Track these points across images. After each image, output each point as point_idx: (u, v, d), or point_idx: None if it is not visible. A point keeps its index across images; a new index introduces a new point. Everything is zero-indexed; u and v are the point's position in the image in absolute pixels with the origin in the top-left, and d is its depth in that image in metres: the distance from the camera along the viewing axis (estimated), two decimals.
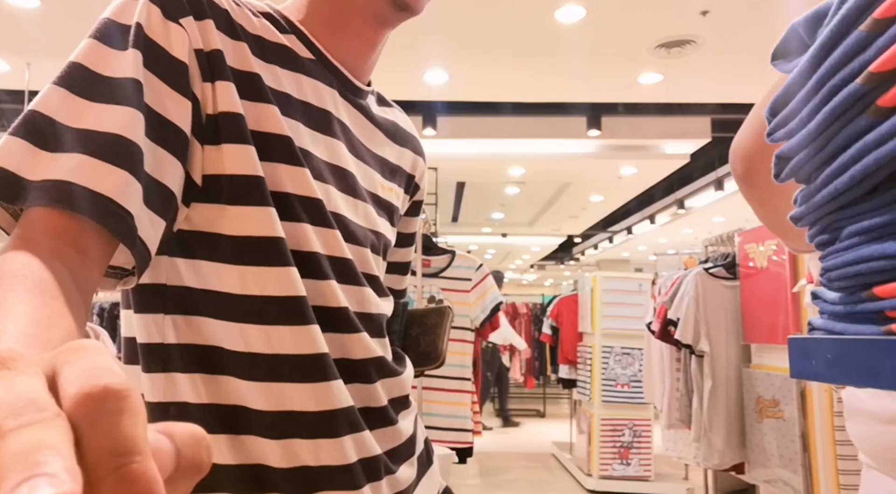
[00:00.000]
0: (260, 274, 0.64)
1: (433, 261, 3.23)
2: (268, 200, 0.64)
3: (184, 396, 0.64)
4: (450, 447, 3.05)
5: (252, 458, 0.64)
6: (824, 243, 0.38)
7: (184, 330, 0.64)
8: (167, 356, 0.65)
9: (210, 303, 0.64)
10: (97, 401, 0.21)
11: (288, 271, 0.64)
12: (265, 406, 0.64)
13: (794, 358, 0.39)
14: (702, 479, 3.81)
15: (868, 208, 0.33)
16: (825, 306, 0.39)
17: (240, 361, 0.64)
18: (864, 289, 0.34)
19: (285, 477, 0.65)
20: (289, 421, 0.65)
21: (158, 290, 0.65)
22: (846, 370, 0.34)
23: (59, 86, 0.57)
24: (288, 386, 0.65)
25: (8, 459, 0.18)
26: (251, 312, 0.64)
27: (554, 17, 4.33)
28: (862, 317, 0.35)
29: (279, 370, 0.64)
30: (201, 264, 0.64)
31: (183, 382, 0.64)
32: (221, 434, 0.64)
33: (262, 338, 0.64)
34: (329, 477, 0.66)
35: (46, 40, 4.88)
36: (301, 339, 0.65)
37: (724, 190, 8.73)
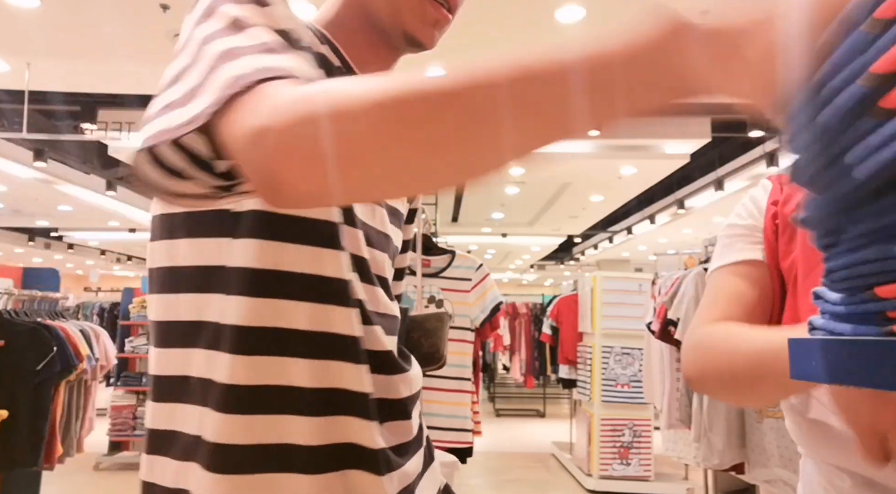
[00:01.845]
0: (315, 253, 0.67)
1: (433, 261, 3.23)
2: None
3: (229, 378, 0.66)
4: (450, 447, 3.05)
5: (282, 437, 0.66)
6: (828, 246, 0.38)
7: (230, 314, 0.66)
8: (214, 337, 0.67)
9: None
10: None
11: (343, 255, 0.69)
12: (314, 384, 0.67)
13: (794, 359, 0.39)
14: (702, 479, 3.81)
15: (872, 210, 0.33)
16: (826, 307, 0.39)
17: (295, 337, 0.67)
18: (865, 290, 0.34)
19: (314, 453, 0.67)
20: (336, 398, 0.68)
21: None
22: (846, 371, 0.34)
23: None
24: (334, 364, 0.68)
25: None
26: (313, 290, 0.67)
27: (554, 17, 4.33)
28: (863, 318, 0.34)
29: (330, 349, 0.68)
30: (237, 243, 0.66)
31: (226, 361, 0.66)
32: (259, 414, 0.65)
33: (308, 316, 0.67)
34: (359, 459, 0.68)
35: (46, 40, 4.88)
36: (346, 319, 0.69)
37: (724, 190, 8.73)
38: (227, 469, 0.64)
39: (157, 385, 0.72)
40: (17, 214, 11.67)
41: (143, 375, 5.85)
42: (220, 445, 0.64)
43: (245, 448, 0.65)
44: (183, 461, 0.67)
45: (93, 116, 6.95)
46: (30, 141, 7.42)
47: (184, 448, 0.67)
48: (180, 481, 0.67)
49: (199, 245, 0.68)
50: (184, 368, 0.69)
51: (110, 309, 7.98)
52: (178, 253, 0.70)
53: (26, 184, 8.82)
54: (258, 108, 0.45)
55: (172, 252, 0.70)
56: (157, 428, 0.71)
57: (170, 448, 0.69)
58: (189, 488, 0.66)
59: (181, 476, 0.67)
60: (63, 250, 16.40)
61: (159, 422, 0.70)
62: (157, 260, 0.72)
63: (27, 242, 14.96)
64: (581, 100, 0.41)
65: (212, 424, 0.65)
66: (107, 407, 5.78)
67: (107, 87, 6.16)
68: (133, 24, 4.55)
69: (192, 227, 0.69)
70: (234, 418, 0.65)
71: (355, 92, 0.43)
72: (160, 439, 0.70)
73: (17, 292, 3.79)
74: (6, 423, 3.12)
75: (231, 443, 0.64)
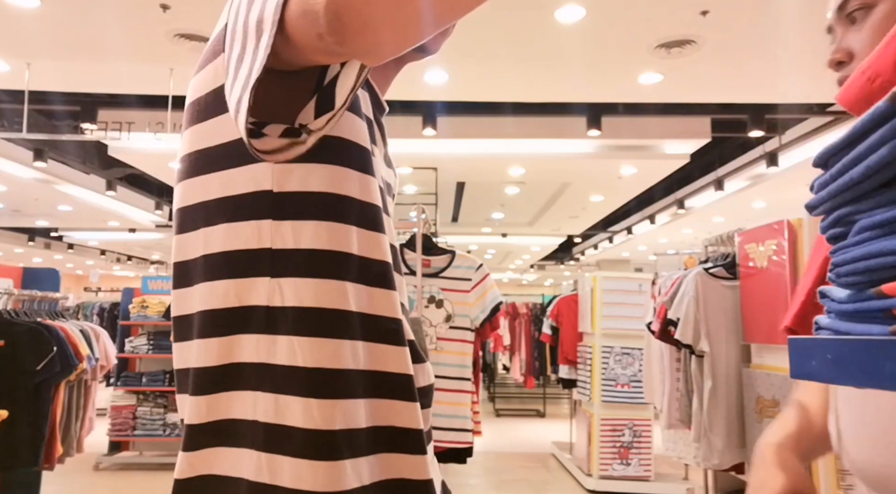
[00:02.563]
0: (364, 235, 0.70)
1: (433, 261, 3.23)
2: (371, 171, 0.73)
3: (282, 359, 0.66)
4: (450, 447, 3.05)
5: (354, 421, 0.67)
6: (837, 237, 0.38)
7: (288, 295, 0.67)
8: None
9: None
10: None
11: (384, 238, 0.72)
12: (364, 366, 0.69)
13: (795, 359, 0.39)
14: (702, 479, 3.81)
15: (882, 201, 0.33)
16: (832, 305, 0.39)
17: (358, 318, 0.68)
18: (872, 286, 0.34)
19: (369, 436, 0.68)
20: (382, 381, 0.69)
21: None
22: (846, 371, 0.34)
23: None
24: (382, 347, 0.70)
25: None
26: (362, 272, 0.69)
27: (554, 17, 4.33)
28: (869, 316, 0.34)
29: (378, 330, 0.70)
30: (286, 225, 0.68)
31: (285, 344, 0.67)
32: (313, 397, 0.66)
33: (359, 298, 0.69)
34: (403, 440, 0.70)
35: (46, 40, 4.88)
36: (390, 303, 0.71)
37: (724, 190, 8.73)
38: (320, 456, 0.65)
39: (200, 378, 0.70)
40: (17, 214, 11.66)
41: (143, 375, 5.85)
42: (313, 431, 0.65)
43: (329, 432, 0.66)
44: (246, 449, 0.67)
45: (93, 116, 6.95)
46: (30, 141, 7.43)
47: (238, 435, 0.67)
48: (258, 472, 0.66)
49: (237, 229, 0.68)
50: (232, 356, 0.68)
51: (110, 309, 7.97)
52: (215, 240, 0.69)
53: (26, 184, 8.82)
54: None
55: (209, 240, 0.70)
56: (199, 422, 0.69)
57: (225, 438, 0.68)
58: (266, 480, 0.66)
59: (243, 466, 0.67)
60: (63, 250, 16.40)
61: (204, 415, 0.69)
62: (189, 252, 0.72)
63: (27, 242, 14.96)
64: None
65: (300, 409, 0.65)
66: (107, 407, 5.78)
67: (107, 87, 6.16)
68: (133, 24, 4.54)
69: (230, 212, 0.69)
70: (323, 402, 0.65)
71: None
72: (204, 433, 0.69)
73: (17, 292, 3.79)
74: (6, 423, 3.11)
75: (323, 429, 0.65)
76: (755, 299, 2.88)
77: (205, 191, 0.70)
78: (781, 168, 7.51)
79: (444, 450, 3.05)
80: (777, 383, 2.68)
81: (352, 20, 0.51)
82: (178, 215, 0.73)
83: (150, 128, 6.12)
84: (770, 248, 2.76)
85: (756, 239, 2.87)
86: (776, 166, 7.49)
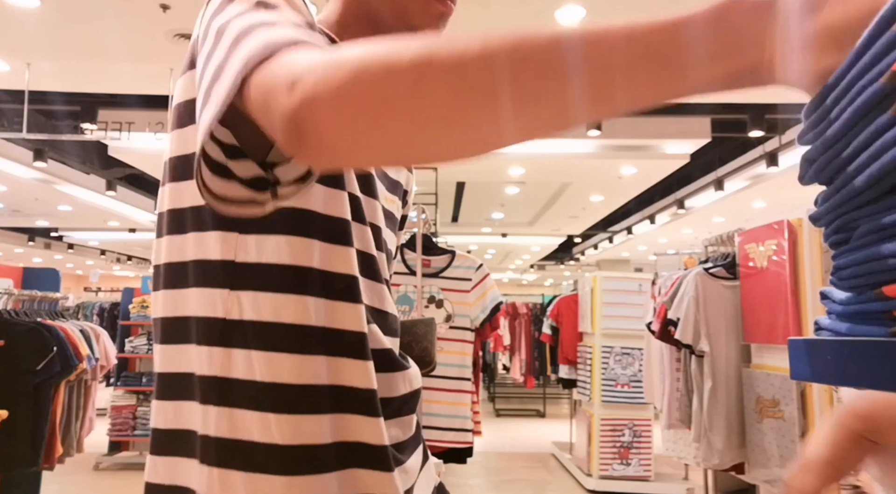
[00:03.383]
0: (327, 249, 0.69)
1: (433, 261, 3.23)
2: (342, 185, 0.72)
3: (239, 373, 0.66)
4: (450, 447, 3.05)
5: (301, 438, 0.66)
6: (838, 243, 0.38)
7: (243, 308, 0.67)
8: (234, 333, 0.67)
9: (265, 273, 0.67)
10: None
11: (352, 251, 0.70)
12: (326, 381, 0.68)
13: (794, 359, 0.39)
14: (702, 479, 3.81)
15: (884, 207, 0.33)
16: (833, 306, 0.39)
17: (301, 332, 0.67)
18: (872, 288, 0.34)
19: (331, 453, 0.67)
20: (345, 396, 0.68)
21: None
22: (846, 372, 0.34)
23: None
24: (345, 361, 0.69)
25: None
26: (312, 284, 0.68)
27: (554, 17, 4.33)
28: (869, 317, 0.34)
29: (336, 346, 0.68)
30: (251, 239, 0.67)
31: (241, 358, 0.66)
32: (271, 412, 0.66)
33: (324, 313, 0.69)
34: (367, 456, 0.69)
35: (46, 40, 4.88)
36: (355, 317, 0.70)
37: (724, 190, 8.73)
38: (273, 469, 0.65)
39: (161, 383, 0.71)
40: (17, 214, 11.67)
41: (143, 375, 5.86)
42: (270, 445, 0.65)
43: (287, 448, 0.65)
44: (190, 459, 0.67)
45: (93, 116, 6.95)
46: (30, 141, 7.43)
47: (191, 446, 0.67)
48: (191, 481, 0.67)
49: (203, 239, 0.68)
50: (186, 365, 0.69)
51: (110, 309, 7.97)
52: (184, 249, 0.69)
53: (26, 184, 8.82)
54: (292, 64, 0.46)
55: (179, 248, 0.70)
56: (161, 428, 0.70)
57: (176, 448, 0.69)
58: (196, 487, 0.66)
59: (187, 476, 0.67)
60: (63, 250, 16.40)
61: (164, 421, 0.70)
62: (162, 257, 0.72)
63: (27, 242, 14.97)
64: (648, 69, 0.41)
65: (257, 424, 0.65)
66: (107, 407, 5.78)
67: (107, 87, 6.16)
68: (133, 24, 4.54)
69: (198, 221, 0.68)
70: (281, 417, 0.65)
71: (394, 50, 0.43)
72: (165, 438, 0.70)
73: (17, 292, 3.79)
74: (6, 423, 3.11)
75: (281, 444, 0.65)
76: (755, 300, 2.88)
77: (180, 199, 0.70)
78: (781, 168, 7.51)
79: (444, 450, 3.05)
80: (777, 383, 2.68)
81: (314, 141, 0.45)
82: (159, 219, 0.74)
83: (151, 128, 6.12)
84: (770, 248, 2.76)
85: (756, 239, 2.87)
86: (776, 166, 7.49)
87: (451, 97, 0.41)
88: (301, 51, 0.48)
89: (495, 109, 0.42)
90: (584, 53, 0.41)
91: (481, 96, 0.41)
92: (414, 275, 3.15)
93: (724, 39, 0.40)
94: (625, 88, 0.42)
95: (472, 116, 0.42)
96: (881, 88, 0.32)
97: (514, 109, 0.42)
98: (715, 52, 0.40)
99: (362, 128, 0.43)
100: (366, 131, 0.43)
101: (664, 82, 0.41)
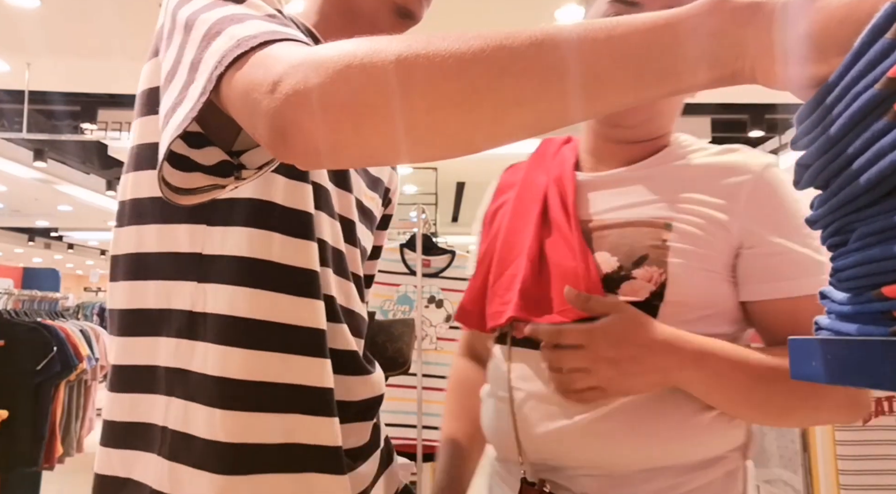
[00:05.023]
0: (287, 243, 0.66)
1: (433, 261, 3.23)
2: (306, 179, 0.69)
3: (189, 365, 0.65)
4: None
5: (243, 436, 0.64)
6: (836, 245, 0.38)
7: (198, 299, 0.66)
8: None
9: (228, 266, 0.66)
10: None
11: (313, 246, 0.68)
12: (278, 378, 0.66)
13: (794, 359, 0.39)
14: None
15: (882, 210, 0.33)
16: (833, 306, 0.39)
17: (254, 327, 0.65)
18: (872, 289, 0.34)
19: (278, 453, 0.65)
20: (299, 395, 0.66)
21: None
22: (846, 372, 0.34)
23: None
24: (301, 359, 0.66)
25: None
26: (271, 277, 0.66)
27: (554, 16, 4.34)
28: (869, 318, 0.35)
29: (292, 343, 0.66)
30: (216, 230, 0.66)
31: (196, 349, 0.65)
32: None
33: (285, 308, 0.67)
34: (319, 457, 0.66)
35: (46, 40, 4.88)
36: (313, 313, 0.67)
37: None
38: (217, 468, 0.63)
39: (120, 375, 0.70)
40: (17, 214, 11.68)
41: None
42: (212, 442, 0.63)
43: (230, 446, 0.63)
44: (146, 452, 0.66)
45: (93, 116, 6.96)
46: (30, 141, 7.43)
47: (150, 440, 0.66)
48: (145, 475, 0.65)
49: (171, 231, 0.67)
50: (151, 357, 0.67)
51: None
52: (147, 240, 0.68)
53: (26, 184, 8.83)
54: (270, 63, 0.46)
55: (141, 238, 0.68)
56: (117, 420, 0.69)
57: (133, 441, 0.67)
58: (150, 483, 0.65)
59: (139, 469, 0.66)
60: (63, 250, 16.41)
61: (120, 414, 0.69)
62: (122, 247, 0.70)
63: (27, 242, 14.97)
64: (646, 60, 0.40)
65: (204, 419, 0.64)
66: None
67: (107, 87, 6.16)
68: (133, 23, 4.54)
69: (164, 213, 0.67)
70: (227, 414, 0.63)
71: (375, 50, 0.43)
72: (121, 431, 0.68)
73: (17, 292, 3.80)
74: (6, 423, 3.12)
75: (224, 441, 0.63)
76: None
77: (143, 188, 0.68)
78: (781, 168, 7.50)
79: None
80: None
81: (298, 143, 0.44)
82: (121, 207, 0.72)
83: None
84: None
85: None
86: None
87: (432, 99, 0.41)
88: (277, 48, 0.47)
89: (477, 111, 0.41)
90: (564, 55, 0.40)
91: (462, 99, 0.41)
92: (414, 275, 3.15)
93: (704, 46, 0.39)
94: (599, 93, 0.41)
95: (454, 119, 0.42)
96: (877, 93, 0.32)
97: (494, 111, 0.41)
98: (695, 59, 0.40)
99: (346, 130, 0.43)
100: (350, 133, 0.43)
101: (641, 89, 0.41)
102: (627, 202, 0.84)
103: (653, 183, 0.85)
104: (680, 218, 0.80)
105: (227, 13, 0.53)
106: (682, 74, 0.41)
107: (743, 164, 0.85)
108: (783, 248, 0.79)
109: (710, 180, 0.83)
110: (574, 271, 0.80)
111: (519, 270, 0.84)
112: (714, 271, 0.80)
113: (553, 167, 0.95)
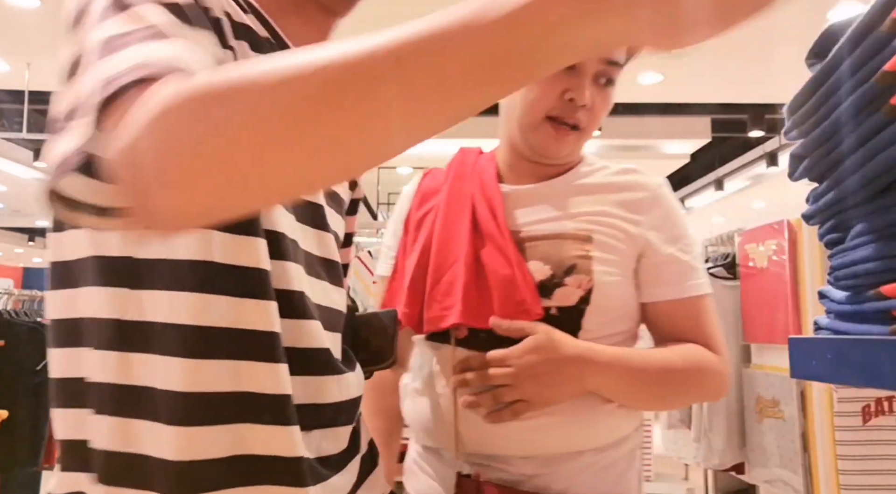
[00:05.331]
0: (228, 241, 0.60)
1: None
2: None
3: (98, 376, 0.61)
4: None
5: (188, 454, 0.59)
6: (833, 242, 0.38)
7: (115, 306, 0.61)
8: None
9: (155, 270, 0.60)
10: None
11: (259, 242, 0.61)
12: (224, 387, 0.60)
13: (795, 358, 0.39)
14: (702, 479, 3.81)
15: (878, 207, 0.33)
16: (832, 306, 0.39)
17: (195, 334, 0.60)
18: (870, 288, 0.34)
19: (227, 467, 0.60)
20: (250, 403, 0.61)
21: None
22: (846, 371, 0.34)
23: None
24: (251, 364, 0.61)
25: None
26: (212, 280, 0.60)
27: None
28: (868, 317, 0.35)
29: (241, 348, 0.61)
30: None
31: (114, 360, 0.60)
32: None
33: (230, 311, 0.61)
34: (275, 470, 0.61)
35: (46, 40, 4.88)
36: (263, 315, 0.61)
37: (724, 190, 8.72)
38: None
39: (56, 390, 0.65)
40: (17, 214, 11.67)
41: None
42: (159, 460, 0.58)
43: (177, 464, 0.58)
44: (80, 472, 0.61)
45: None
46: (30, 141, 7.42)
47: (89, 461, 0.61)
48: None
49: (99, 234, 0.61)
50: (75, 370, 0.62)
51: None
52: (81, 244, 0.62)
53: (26, 184, 8.82)
54: (130, 119, 0.42)
55: (75, 243, 0.63)
56: (63, 439, 0.63)
57: (80, 461, 0.62)
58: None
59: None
60: None
61: (65, 432, 0.64)
62: (53, 254, 0.65)
63: (27, 242, 14.95)
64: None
65: (149, 435, 0.59)
66: None
67: None
68: None
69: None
70: (174, 429, 0.58)
71: (248, 78, 0.39)
72: (65, 449, 0.64)
73: (17, 292, 3.79)
74: (6, 423, 3.12)
75: (170, 459, 0.58)
76: (755, 300, 2.89)
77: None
78: (781, 168, 7.50)
79: None
80: (777, 383, 2.69)
81: (151, 213, 0.41)
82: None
83: None
84: (770, 248, 2.76)
85: (756, 239, 2.87)
86: (776, 166, 7.49)
87: (287, 125, 0.38)
88: (141, 100, 0.42)
89: (320, 136, 0.38)
90: (418, 60, 0.37)
91: (313, 123, 0.38)
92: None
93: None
94: (462, 94, 0.38)
95: (315, 140, 0.39)
96: (872, 88, 0.32)
97: (345, 130, 0.38)
98: (563, 44, 0.36)
99: (219, 189, 0.41)
100: (228, 190, 0.41)
101: (505, 84, 0.39)
102: (550, 216, 0.98)
103: (569, 198, 1.00)
104: (598, 230, 0.95)
105: (104, 36, 0.50)
106: (542, 66, 0.38)
107: (643, 182, 1.01)
108: (673, 257, 0.96)
109: (616, 197, 0.99)
110: (511, 278, 0.92)
111: (457, 277, 0.95)
112: (626, 276, 0.96)
113: (475, 178, 1.07)
